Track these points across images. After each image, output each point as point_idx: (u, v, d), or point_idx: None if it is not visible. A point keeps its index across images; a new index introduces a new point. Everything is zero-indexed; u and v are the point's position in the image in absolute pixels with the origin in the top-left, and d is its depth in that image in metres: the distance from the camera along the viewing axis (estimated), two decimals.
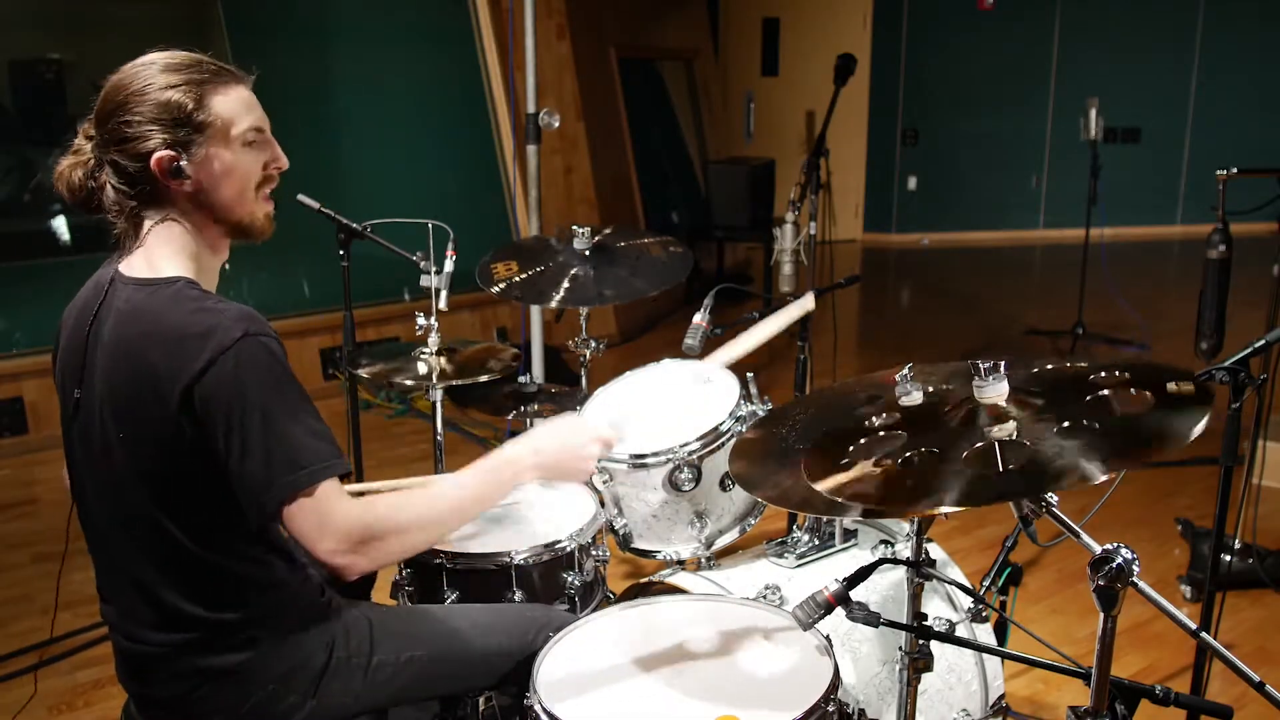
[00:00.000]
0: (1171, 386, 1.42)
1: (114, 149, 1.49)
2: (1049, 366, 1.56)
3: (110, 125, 1.49)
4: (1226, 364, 1.88)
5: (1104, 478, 1.23)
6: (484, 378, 2.51)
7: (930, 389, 1.58)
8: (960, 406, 1.48)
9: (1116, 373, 1.48)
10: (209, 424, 1.40)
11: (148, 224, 1.53)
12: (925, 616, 1.61)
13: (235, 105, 1.52)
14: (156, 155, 1.47)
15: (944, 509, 1.29)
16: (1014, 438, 1.37)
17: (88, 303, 1.55)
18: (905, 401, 1.57)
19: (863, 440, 1.50)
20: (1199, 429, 1.28)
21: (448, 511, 1.57)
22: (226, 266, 1.65)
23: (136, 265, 1.52)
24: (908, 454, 1.42)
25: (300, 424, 1.42)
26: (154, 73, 1.49)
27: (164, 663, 1.54)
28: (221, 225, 1.56)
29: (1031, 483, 1.29)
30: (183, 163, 1.48)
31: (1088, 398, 1.43)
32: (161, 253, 1.52)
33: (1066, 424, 1.36)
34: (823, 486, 1.42)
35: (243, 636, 1.54)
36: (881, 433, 1.52)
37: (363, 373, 2.60)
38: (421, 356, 2.59)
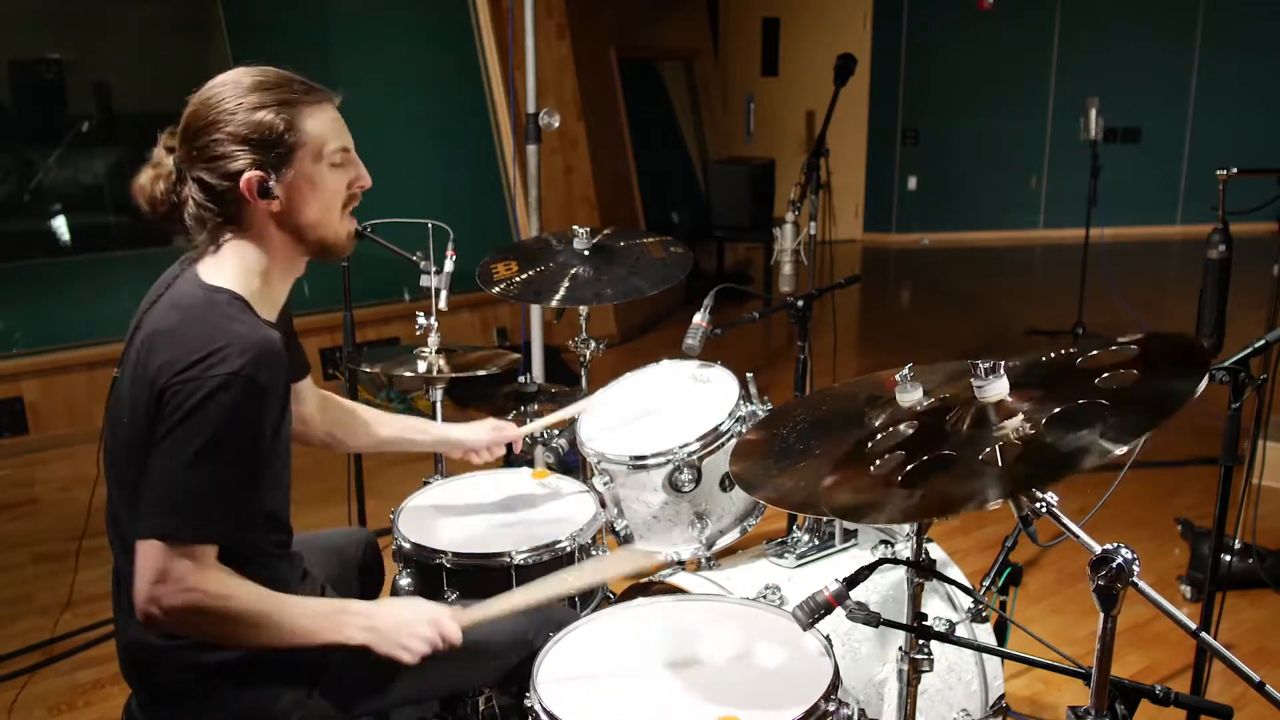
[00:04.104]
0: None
1: (201, 166, 1.49)
2: (1040, 359, 1.56)
3: (199, 142, 1.48)
4: (1226, 364, 1.88)
5: (1123, 449, 1.22)
6: (482, 373, 2.51)
7: (931, 399, 1.58)
8: (965, 410, 1.48)
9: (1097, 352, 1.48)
10: (160, 417, 1.41)
11: (227, 237, 1.54)
12: (925, 616, 1.61)
13: (325, 126, 1.53)
14: (246, 176, 1.47)
15: (991, 505, 1.28)
16: (1026, 430, 1.36)
17: (154, 290, 1.57)
18: (906, 402, 1.57)
19: (878, 460, 1.49)
20: (1202, 385, 1.26)
21: (277, 629, 1.48)
22: None
23: (207, 267, 1.54)
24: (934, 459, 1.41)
25: (216, 480, 1.40)
26: (243, 91, 1.49)
27: (164, 658, 1.55)
28: (305, 243, 1.57)
29: (1057, 467, 1.29)
30: (271, 183, 1.49)
31: (1084, 378, 1.43)
32: (230, 264, 1.54)
33: (1071, 408, 1.35)
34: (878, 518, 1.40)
35: None
36: (890, 448, 1.51)
37: (363, 369, 2.61)
38: (422, 356, 2.60)
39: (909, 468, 1.40)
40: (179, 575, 1.39)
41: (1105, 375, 1.41)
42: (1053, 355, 1.55)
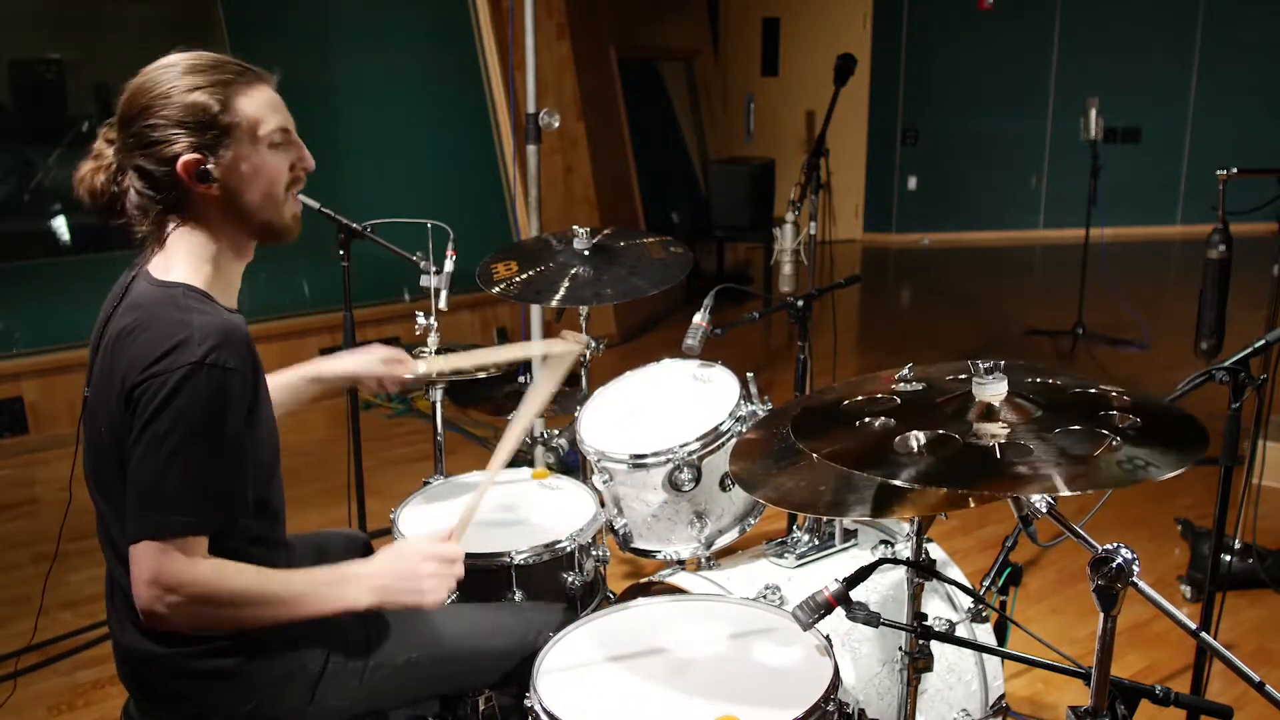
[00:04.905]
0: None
1: (139, 153, 1.47)
2: (1057, 382, 1.54)
3: (134, 129, 1.47)
4: (1226, 364, 1.88)
5: (1067, 492, 1.21)
6: (482, 375, 2.51)
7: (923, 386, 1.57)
8: (952, 401, 1.47)
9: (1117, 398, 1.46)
10: (133, 417, 1.40)
11: (171, 227, 1.52)
12: (925, 616, 1.61)
13: (261, 106, 1.51)
14: (183, 159, 1.46)
15: (905, 484, 1.27)
16: (1004, 438, 1.36)
17: (111, 298, 1.56)
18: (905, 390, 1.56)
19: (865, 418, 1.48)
20: (1174, 472, 1.24)
21: (283, 604, 1.48)
22: None
23: (158, 265, 1.53)
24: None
25: (196, 472, 1.39)
26: (177, 74, 1.47)
27: (159, 664, 1.54)
28: (249, 227, 1.55)
29: (999, 477, 1.27)
30: (209, 166, 1.47)
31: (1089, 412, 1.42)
32: (179, 256, 1.52)
33: (1056, 432, 1.34)
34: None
35: (236, 639, 1.53)
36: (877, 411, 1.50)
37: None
38: (422, 356, 2.59)
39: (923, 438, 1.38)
40: (174, 570, 1.39)
41: (1110, 413, 1.39)
42: (1051, 380, 1.53)
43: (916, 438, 1.35)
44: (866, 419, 1.46)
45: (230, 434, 1.43)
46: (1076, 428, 1.34)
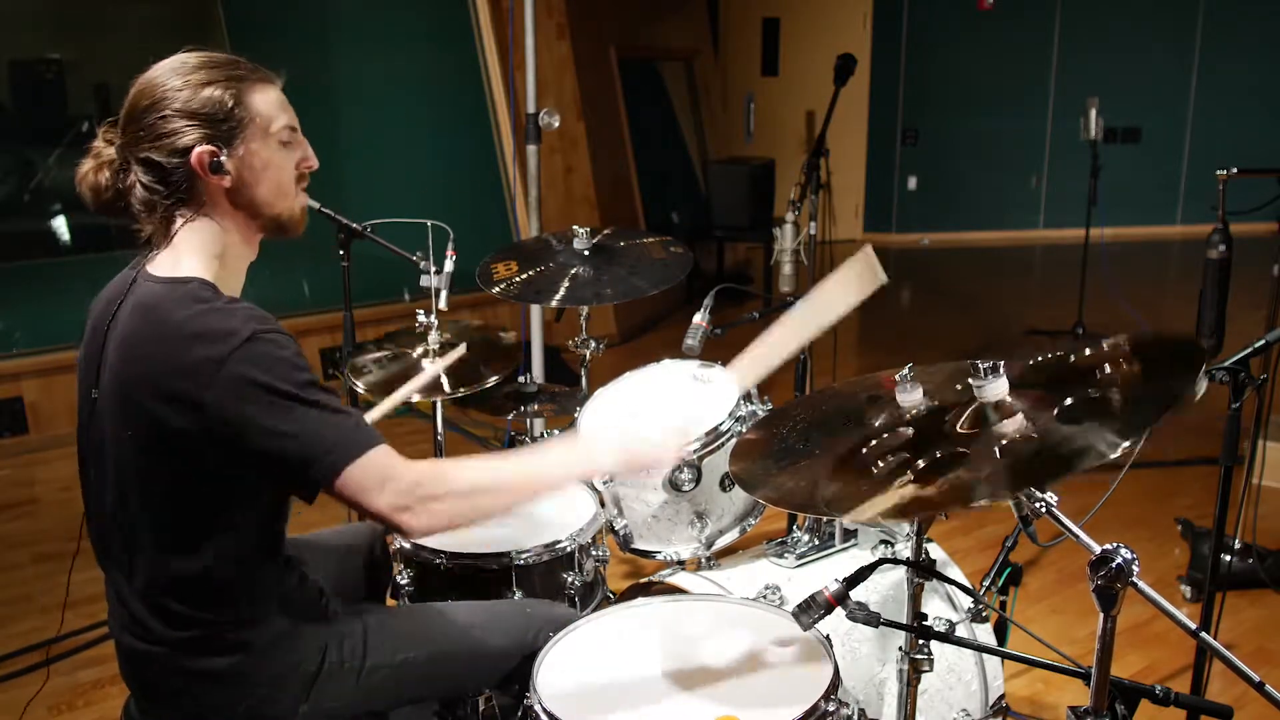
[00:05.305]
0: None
1: (147, 146, 1.47)
2: (1039, 359, 1.57)
3: (145, 121, 1.47)
4: (1226, 364, 1.88)
5: (1121, 448, 1.23)
6: (491, 381, 2.50)
7: (929, 400, 1.58)
8: (964, 410, 1.48)
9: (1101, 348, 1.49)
10: (233, 426, 1.38)
11: (179, 222, 1.52)
12: (925, 616, 1.61)
13: (271, 104, 1.53)
14: (197, 150, 1.47)
15: (983, 501, 1.30)
16: (1025, 431, 1.37)
17: (111, 298, 1.55)
18: (906, 403, 1.57)
19: (880, 461, 1.49)
20: (1202, 386, 1.29)
21: (513, 480, 1.55)
22: None
23: (162, 263, 1.52)
24: (934, 459, 1.41)
25: (323, 405, 1.41)
26: (190, 69, 1.49)
27: (158, 662, 1.54)
28: (258, 220, 1.56)
29: (1055, 469, 1.30)
30: (222, 158, 1.48)
31: (1084, 377, 1.44)
32: (187, 251, 1.51)
33: (1070, 408, 1.36)
34: (869, 510, 1.41)
35: (232, 639, 1.54)
36: (892, 448, 1.51)
37: (361, 377, 2.61)
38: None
39: (920, 464, 1.39)
40: (391, 470, 1.42)
41: (1107, 371, 1.41)
42: (1047, 355, 1.55)
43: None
44: (881, 464, 1.46)
45: (315, 376, 1.44)
46: (1083, 398, 1.36)
